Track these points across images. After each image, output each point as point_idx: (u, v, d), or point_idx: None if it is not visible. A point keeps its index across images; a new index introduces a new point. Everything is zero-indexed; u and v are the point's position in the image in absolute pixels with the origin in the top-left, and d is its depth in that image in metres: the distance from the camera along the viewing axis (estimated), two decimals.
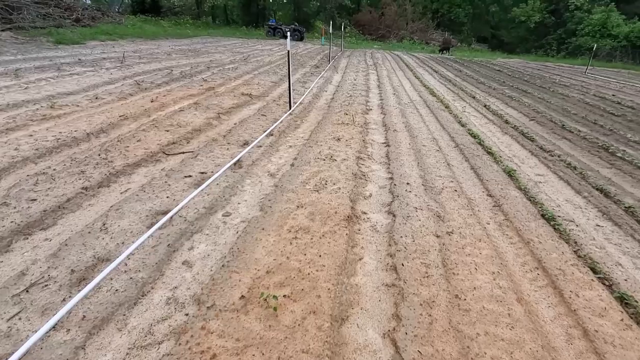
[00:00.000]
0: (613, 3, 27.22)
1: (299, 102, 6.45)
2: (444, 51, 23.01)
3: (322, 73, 9.99)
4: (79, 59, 8.48)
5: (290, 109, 5.75)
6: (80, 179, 2.85)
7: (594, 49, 16.30)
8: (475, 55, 23.64)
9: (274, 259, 2.07)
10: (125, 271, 1.91)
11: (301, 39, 23.74)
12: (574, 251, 2.47)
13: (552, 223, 2.82)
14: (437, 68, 14.01)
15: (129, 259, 1.99)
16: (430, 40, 30.92)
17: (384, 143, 4.53)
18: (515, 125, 5.93)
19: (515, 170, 3.84)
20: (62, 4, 20.67)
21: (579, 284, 2.11)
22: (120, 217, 2.39)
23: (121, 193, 2.72)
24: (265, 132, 4.50)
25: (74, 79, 6.57)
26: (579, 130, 5.85)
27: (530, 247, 2.47)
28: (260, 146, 4.01)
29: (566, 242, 2.57)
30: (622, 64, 23.58)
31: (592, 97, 9.18)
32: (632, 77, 15.79)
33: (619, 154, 4.67)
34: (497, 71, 14.34)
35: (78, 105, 4.88)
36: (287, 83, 5.85)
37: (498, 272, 2.15)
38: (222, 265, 2.00)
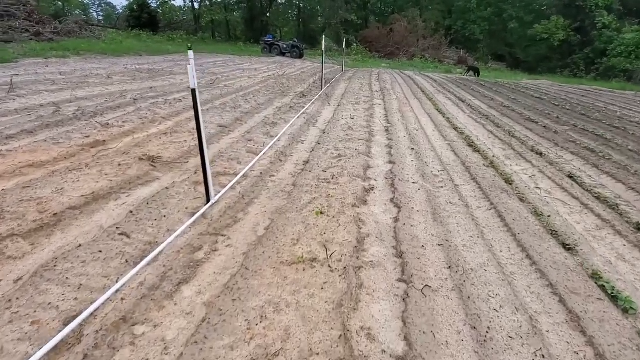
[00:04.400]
0: None
1: (243, 172, 3.57)
2: (473, 72, 18.92)
3: (308, 106, 7.15)
4: None
5: (208, 202, 2.87)
6: None
7: None
8: (496, 76, 20.75)
9: None
10: None
11: (300, 56, 21.23)
12: None
13: None
14: (460, 94, 11.12)
15: None
16: (443, 58, 28.23)
17: None
18: None
19: None
20: (34, 18, 18.69)
21: None
22: None
23: None
24: (67, 327, 1.58)
25: None
26: None
27: None
28: None
29: None
30: None
31: None
32: None
33: None
34: (536, 98, 11.39)
35: None
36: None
37: None
38: None
